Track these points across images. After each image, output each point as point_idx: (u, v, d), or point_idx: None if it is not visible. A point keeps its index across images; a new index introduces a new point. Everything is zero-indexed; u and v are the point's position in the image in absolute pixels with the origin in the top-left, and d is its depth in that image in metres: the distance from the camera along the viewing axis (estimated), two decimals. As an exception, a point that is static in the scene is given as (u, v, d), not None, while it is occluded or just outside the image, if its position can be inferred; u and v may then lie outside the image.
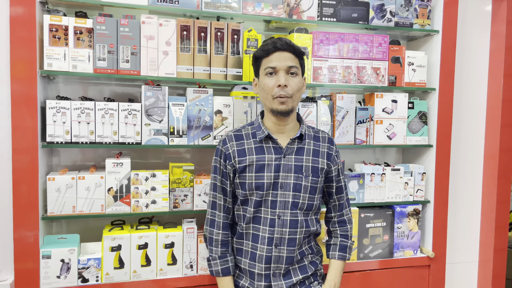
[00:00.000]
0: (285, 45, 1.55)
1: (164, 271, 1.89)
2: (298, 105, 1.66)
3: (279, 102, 1.55)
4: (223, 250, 1.64)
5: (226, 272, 1.63)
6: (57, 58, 1.74)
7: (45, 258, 1.74)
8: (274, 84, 1.55)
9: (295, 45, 1.58)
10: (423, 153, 2.37)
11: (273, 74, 1.56)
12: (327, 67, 2.09)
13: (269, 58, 1.56)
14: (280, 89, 1.54)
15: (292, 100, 1.56)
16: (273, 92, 1.55)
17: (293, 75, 1.56)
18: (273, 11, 2.01)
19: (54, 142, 1.76)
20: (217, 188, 1.66)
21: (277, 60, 1.55)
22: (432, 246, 2.29)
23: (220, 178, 1.65)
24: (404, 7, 2.20)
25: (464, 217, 2.57)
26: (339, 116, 2.11)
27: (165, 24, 1.85)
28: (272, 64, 1.55)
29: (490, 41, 2.51)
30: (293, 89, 1.55)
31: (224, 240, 1.65)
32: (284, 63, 1.55)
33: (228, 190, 1.66)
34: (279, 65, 1.55)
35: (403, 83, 2.22)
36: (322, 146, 1.68)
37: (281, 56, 1.55)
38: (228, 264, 1.64)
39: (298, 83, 1.57)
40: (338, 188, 1.75)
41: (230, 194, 1.67)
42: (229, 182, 1.65)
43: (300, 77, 1.59)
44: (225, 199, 1.66)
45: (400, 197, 2.23)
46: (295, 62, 1.57)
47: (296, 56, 1.58)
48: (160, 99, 1.86)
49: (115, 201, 1.83)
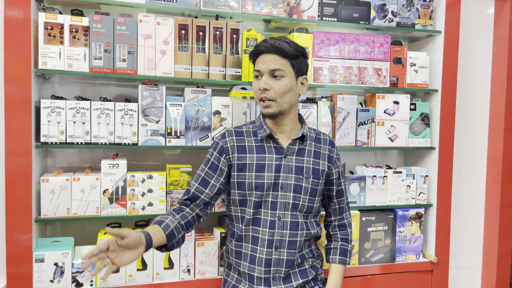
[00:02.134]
0: (269, 47, 1.50)
1: (160, 275, 1.84)
2: (296, 106, 1.61)
3: (263, 105, 1.54)
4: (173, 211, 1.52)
5: (157, 222, 1.43)
6: (52, 57, 1.70)
7: (38, 262, 1.70)
8: (257, 87, 1.53)
9: (282, 46, 1.50)
10: (425, 156, 2.33)
11: (258, 77, 1.55)
12: (327, 68, 2.06)
13: (257, 61, 1.55)
14: (262, 92, 1.52)
15: (278, 103, 1.52)
16: (257, 95, 1.55)
17: (277, 78, 1.51)
18: (273, 11, 1.98)
19: (48, 142, 1.72)
20: (199, 179, 1.58)
21: (262, 63, 1.53)
22: (435, 250, 2.24)
23: (206, 169, 1.58)
24: (406, 7, 2.17)
25: (467, 221, 2.53)
26: (340, 117, 2.08)
27: (163, 23, 1.82)
28: (257, 67, 1.54)
29: (493, 42, 2.48)
30: (276, 93, 1.51)
31: (178, 209, 1.53)
32: (267, 66, 1.51)
33: (211, 183, 1.57)
34: (263, 67, 1.52)
35: (405, 84, 2.19)
36: (323, 148, 1.65)
37: (265, 59, 1.52)
38: (165, 219, 1.44)
39: (283, 86, 1.51)
40: (339, 192, 1.72)
41: (214, 189, 1.57)
42: (216, 176, 1.58)
43: (287, 80, 1.52)
44: (203, 191, 1.56)
45: (402, 201, 2.19)
46: (281, 64, 1.51)
47: (284, 57, 1.51)
48: (158, 99, 1.82)
49: (111, 203, 1.79)
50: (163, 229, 1.41)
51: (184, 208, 1.55)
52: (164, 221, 1.44)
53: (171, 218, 1.47)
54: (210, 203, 1.61)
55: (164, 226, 1.42)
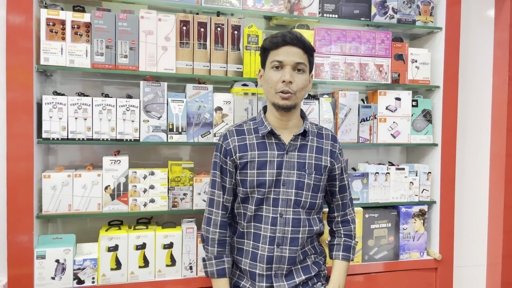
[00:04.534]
0: (295, 40, 1.49)
1: (162, 272, 1.82)
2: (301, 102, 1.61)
3: (281, 97, 1.50)
4: (220, 250, 1.57)
5: (221, 273, 1.55)
6: (54, 53, 1.71)
7: (39, 259, 1.69)
8: (279, 79, 1.49)
9: (306, 41, 1.51)
10: (428, 153, 2.32)
11: (279, 68, 1.50)
12: (329, 64, 2.06)
13: (277, 51, 1.50)
14: (284, 85, 1.49)
15: (296, 97, 1.51)
16: (277, 87, 1.50)
17: (299, 72, 1.50)
18: (273, 7, 1.98)
19: (50, 138, 1.72)
20: (216, 185, 1.60)
21: (285, 55, 1.49)
22: (439, 248, 2.22)
23: (219, 174, 1.59)
24: (407, 4, 2.17)
25: (471, 219, 2.51)
26: (342, 113, 2.07)
27: (164, 19, 1.82)
28: (279, 58, 1.49)
29: (494, 38, 2.48)
30: (298, 86, 1.50)
31: (221, 239, 1.58)
32: (291, 58, 1.49)
33: (227, 188, 1.59)
34: (287, 60, 1.49)
35: (407, 80, 2.18)
36: (326, 144, 1.63)
37: (289, 51, 1.49)
38: (224, 265, 1.56)
39: (303, 81, 1.51)
40: (342, 187, 1.70)
41: (230, 192, 1.60)
42: (229, 179, 1.59)
43: (306, 75, 1.53)
44: (224, 197, 1.59)
45: (405, 197, 2.17)
46: (303, 59, 1.51)
47: (305, 52, 1.51)
48: (159, 95, 1.82)
49: (112, 199, 1.78)
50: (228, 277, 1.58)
51: (224, 234, 1.60)
52: (225, 267, 1.57)
53: (226, 259, 1.58)
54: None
55: (228, 272, 1.58)
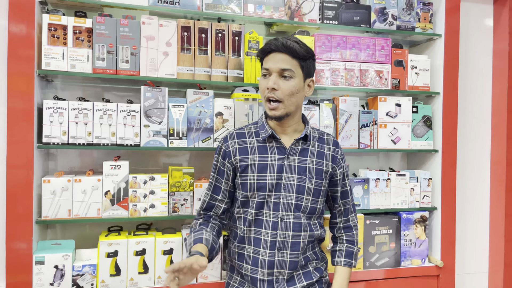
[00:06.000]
0: (280, 46, 1.48)
1: (162, 279, 1.81)
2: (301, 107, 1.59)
3: (269, 107, 1.51)
4: (202, 225, 1.55)
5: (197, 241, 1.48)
6: (55, 58, 1.71)
7: (38, 264, 1.67)
8: (265, 86, 1.51)
9: (294, 46, 1.48)
10: (428, 159, 2.31)
11: (266, 76, 1.51)
12: (329, 70, 2.06)
13: (266, 59, 1.52)
14: (269, 91, 1.49)
15: (284, 105, 1.50)
16: (264, 94, 1.52)
17: (286, 78, 1.49)
18: (274, 14, 2.00)
19: (50, 143, 1.71)
20: (211, 187, 1.61)
21: (271, 62, 1.49)
22: (440, 255, 2.21)
23: (215, 176, 1.60)
24: (406, 11, 2.19)
25: (473, 225, 2.50)
26: (342, 119, 2.07)
27: (166, 24, 1.83)
28: (266, 65, 1.51)
29: (493, 45, 2.50)
30: (284, 93, 1.48)
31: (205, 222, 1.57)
32: (277, 65, 1.48)
33: (222, 189, 1.59)
34: (272, 66, 1.49)
35: (407, 86, 2.19)
36: (327, 149, 1.62)
37: (275, 58, 1.49)
38: (202, 235, 1.49)
39: (291, 87, 1.49)
40: (344, 193, 1.69)
41: (225, 194, 1.60)
42: (225, 181, 1.58)
43: (296, 81, 1.50)
44: (216, 198, 1.59)
45: (406, 204, 2.17)
46: (291, 65, 1.49)
47: (294, 58, 1.49)
48: (160, 100, 1.82)
49: (112, 204, 1.77)
50: (206, 246, 1.46)
51: (209, 220, 1.59)
52: (203, 237, 1.48)
53: (205, 232, 1.51)
54: (227, 209, 1.63)
55: (205, 242, 1.47)
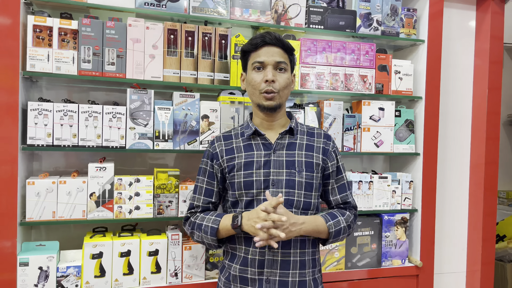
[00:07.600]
0: (274, 40, 1.51)
1: (147, 279, 1.83)
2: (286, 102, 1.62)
3: (266, 97, 1.51)
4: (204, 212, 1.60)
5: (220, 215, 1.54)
6: (40, 59, 1.71)
7: (22, 266, 1.67)
8: (261, 79, 1.51)
9: (284, 40, 1.54)
10: (410, 162, 2.37)
11: (261, 69, 1.52)
12: (314, 74, 2.09)
13: (258, 53, 1.52)
14: (267, 85, 1.50)
15: (280, 96, 1.53)
16: (260, 87, 1.51)
17: (281, 71, 1.53)
18: (260, 17, 2.01)
19: (34, 145, 1.71)
20: (202, 191, 1.60)
21: (265, 55, 1.51)
22: (420, 255, 2.27)
23: (205, 179, 1.60)
24: (390, 17, 2.22)
25: (452, 227, 2.57)
26: (327, 122, 2.11)
27: (152, 27, 1.84)
28: (260, 58, 1.51)
29: (475, 52, 2.55)
30: (281, 85, 1.52)
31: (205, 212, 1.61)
32: (272, 58, 1.51)
33: (214, 191, 1.59)
34: (267, 59, 1.51)
35: (390, 91, 2.23)
36: (317, 142, 1.60)
37: (269, 51, 1.51)
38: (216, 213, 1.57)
39: (286, 79, 1.53)
40: (340, 187, 1.62)
41: (216, 196, 1.60)
42: (216, 183, 1.59)
43: (288, 73, 1.55)
44: (209, 201, 1.59)
45: (387, 206, 2.22)
46: (284, 58, 1.53)
47: (286, 52, 1.54)
48: (146, 102, 1.83)
49: (97, 206, 1.78)
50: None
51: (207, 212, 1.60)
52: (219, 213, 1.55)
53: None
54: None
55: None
